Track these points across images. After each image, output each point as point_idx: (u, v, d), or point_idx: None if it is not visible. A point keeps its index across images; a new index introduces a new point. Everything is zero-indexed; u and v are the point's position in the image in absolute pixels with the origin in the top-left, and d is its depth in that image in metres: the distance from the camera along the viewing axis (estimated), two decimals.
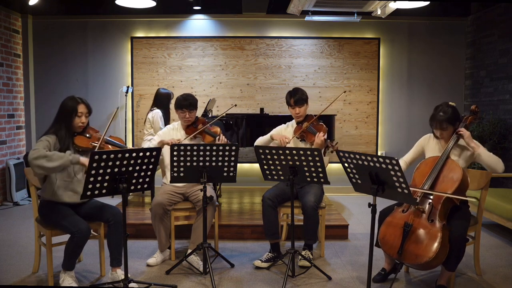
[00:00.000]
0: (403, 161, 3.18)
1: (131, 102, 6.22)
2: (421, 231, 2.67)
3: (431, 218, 2.71)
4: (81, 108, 2.96)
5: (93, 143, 2.99)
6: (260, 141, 3.67)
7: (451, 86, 6.32)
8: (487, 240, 4.14)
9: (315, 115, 3.54)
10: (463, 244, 2.70)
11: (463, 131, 2.90)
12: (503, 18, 5.44)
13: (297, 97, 3.50)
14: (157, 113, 4.83)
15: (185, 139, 3.55)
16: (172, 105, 5.08)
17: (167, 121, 4.98)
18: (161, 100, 4.96)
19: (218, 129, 3.60)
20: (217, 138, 3.47)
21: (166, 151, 3.49)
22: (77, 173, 2.99)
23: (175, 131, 3.65)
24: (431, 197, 2.79)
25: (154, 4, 4.83)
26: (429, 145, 3.10)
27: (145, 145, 4.73)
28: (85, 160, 2.84)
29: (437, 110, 2.97)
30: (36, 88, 6.22)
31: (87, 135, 3.03)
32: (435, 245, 2.59)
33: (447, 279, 2.87)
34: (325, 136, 3.34)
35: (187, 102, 3.51)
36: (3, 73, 5.62)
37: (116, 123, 6.22)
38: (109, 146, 3.08)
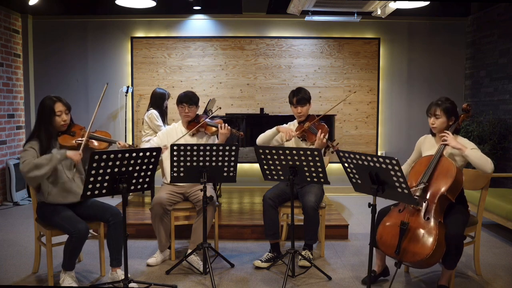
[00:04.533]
0: (407, 164, 3.19)
1: (131, 102, 6.22)
2: (417, 229, 2.68)
3: (427, 215, 2.72)
4: (59, 107, 2.93)
5: (78, 141, 2.99)
6: (263, 135, 3.65)
7: (451, 86, 6.32)
8: (487, 240, 4.14)
9: (317, 115, 3.56)
10: (460, 241, 2.69)
11: (448, 138, 2.87)
12: (503, 18, 5.44)
13: (299, 96, 3.54)
14: (152, 112, 4.83)
15: (186, 134, 3.57)
16: (167, 105, 5.08)
17: (163, 121, 4.97)
18: (155, 100, 4.95)
19: (219, 120, 3.64)
20: (220, 126, 3.51)
21: (165, 156, 3.50)
22: (67, 172, 2.98)
23: (174, 131, 3.66)
24: (427, 195, 2.80)
25: (154, 4, 4.83)
26: (425, 144, 3.12)
27: (144, 146, 4.72)
28: (71, 153, 2.88)
29: (437, 99, 3.03)
30: (36, 88, 6.22)
31: (71, 133, 3.02)
32: (432, 242, 2.60)
33: (448, 279, 2.87)
34: (326, 136, 3.35)
35: (187, 97, 3.57)
36: (3, 73, 5.62)
37: (116, 123, 6.22)
38: (94, 142, 3.06)
